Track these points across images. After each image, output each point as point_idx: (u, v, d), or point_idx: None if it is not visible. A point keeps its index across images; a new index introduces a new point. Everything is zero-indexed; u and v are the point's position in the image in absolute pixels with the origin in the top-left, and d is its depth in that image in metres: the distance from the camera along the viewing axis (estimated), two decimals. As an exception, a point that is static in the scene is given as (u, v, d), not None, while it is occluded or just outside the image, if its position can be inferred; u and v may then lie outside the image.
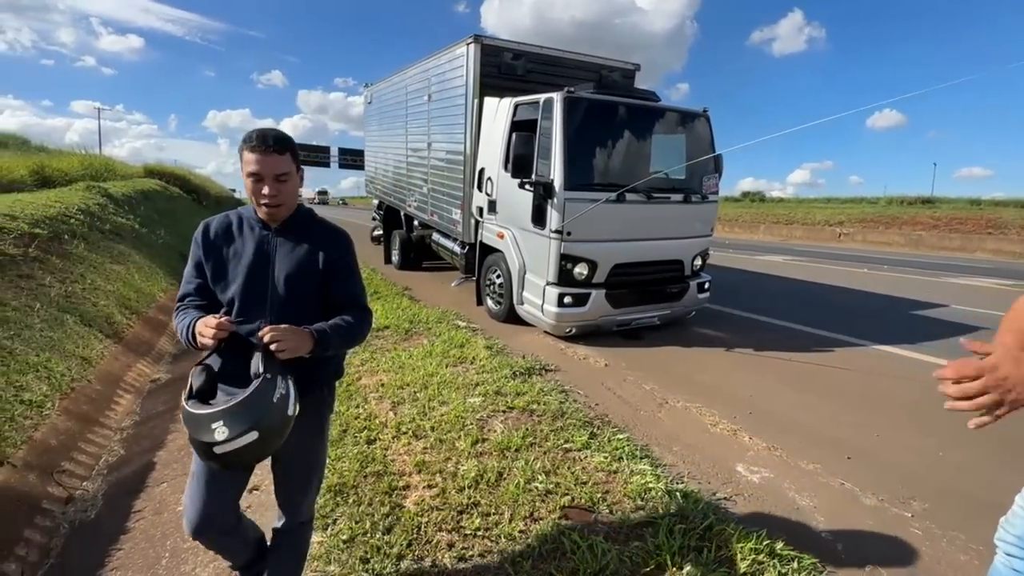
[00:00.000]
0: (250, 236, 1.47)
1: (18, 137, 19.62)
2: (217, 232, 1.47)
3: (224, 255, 1.45)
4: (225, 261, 1.45)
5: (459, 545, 2.12)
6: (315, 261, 1.49)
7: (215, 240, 1.46)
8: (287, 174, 1.40)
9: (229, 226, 1.48)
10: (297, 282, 1.46)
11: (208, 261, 1.45)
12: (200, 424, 1.21)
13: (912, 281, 9.71)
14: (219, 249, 1.46)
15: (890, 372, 4.40)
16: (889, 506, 2.48)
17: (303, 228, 1.52)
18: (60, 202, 7.38)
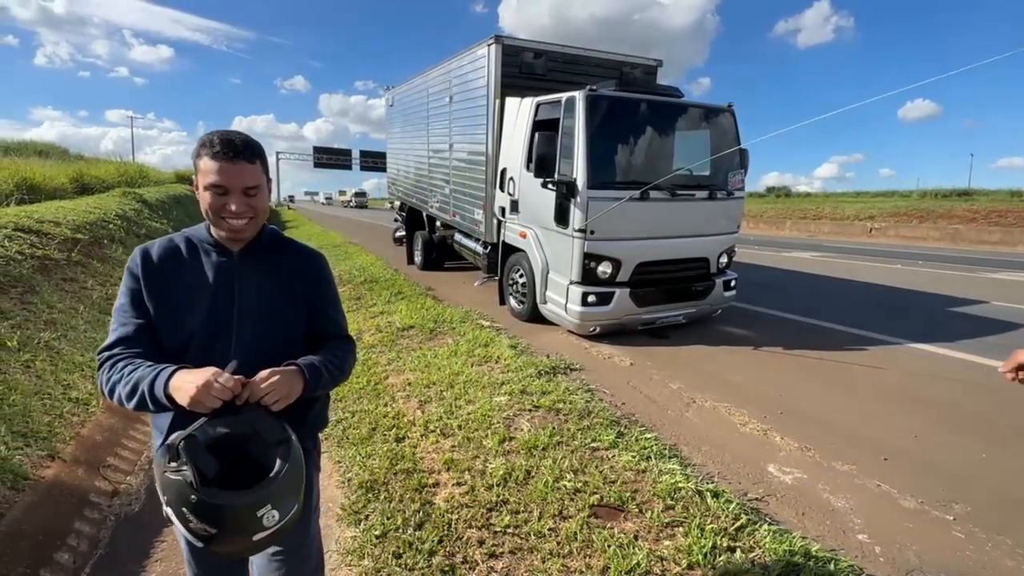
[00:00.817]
0: (206, 263, 1.18)
1: (57, 147, 20.52)
2: (162, 259, 1.16)
3: (173, 288, 1.16)
4: (175, 295, 1.16)
5: (489, 542, 2.14)
6: (290, 291, 1.25)
7: (159, 269, 1.16)
8: (257, 187, 1.14)
9: (176, 252, 1.18)
10: (269, 318, 1.21)
11: (151, 296, 1.14)
12: (241, 516, 0.93)
13: (949, 277, 9.36)
14: (166, 280, 1.16)
15: (928, 371, 4.26)
16: (930, 509, 2.41)
17: (270, 252, 1.25)
18: (99, 208, 7.70)
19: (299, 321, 1.27)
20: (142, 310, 1.15)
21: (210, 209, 1.13)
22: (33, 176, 8.42)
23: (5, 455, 2.54)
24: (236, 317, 1.18)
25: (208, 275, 1.18)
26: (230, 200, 1.12)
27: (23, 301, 4.06)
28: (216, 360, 1.08)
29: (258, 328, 1.20)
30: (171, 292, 1.16)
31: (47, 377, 3.36)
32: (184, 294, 1.16)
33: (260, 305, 1.21)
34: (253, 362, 1.10)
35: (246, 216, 1.15)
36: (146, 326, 1.15)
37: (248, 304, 1.19)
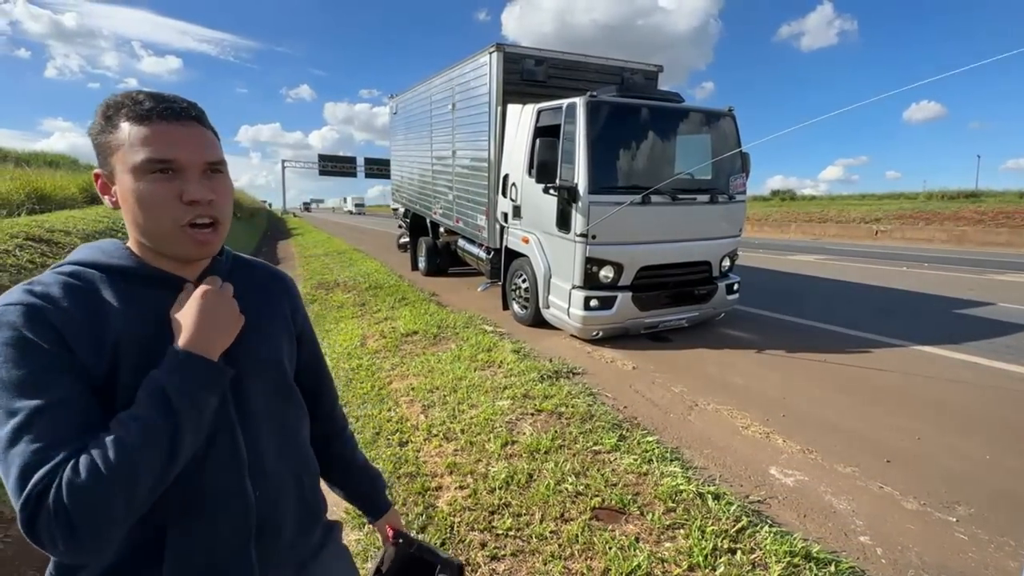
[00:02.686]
0: (142, 301, 0.73)
1: (67, 157, 20.78)
2: (72, 304, 0.68)
3: (107, 342, 0.69)
4: (113, 350, 0.69)
5: (491, 544, 2.16)
6: (279, 335, 0.90)
7: (74, 317, 0.67)
8: (222, 163, 0.77)
9: (86, 293, 0.70)
10: (270, 381, 0.86)
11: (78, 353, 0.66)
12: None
13: (955, 279, 9.30)
14: (94, 333, 0.68)
15: (932, 374, 4.24)
16: (932, 510, 2.40)
17: (239, 276, 0.85)
18: (108, 217, 7.80)
19: (292, 369, 0.92)
20: (63, 373, 0.65)
21: (155, 208, 0.70)
22: (44, 186, 8.56)
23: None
24: (229, 387, 0.76)
25: (159, 325, 0.72)
26: (187, 184, 0.71)
27: (34, 309, 4.13)
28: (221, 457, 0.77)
29: (259, 391, 0.83)
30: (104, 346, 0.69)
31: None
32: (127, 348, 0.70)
33: (252, 358, 0.81)
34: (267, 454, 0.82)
35: (212, 213, 0.74)
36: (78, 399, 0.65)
37: (236, 358, 0.77)
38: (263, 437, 0.82)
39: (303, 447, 0.94)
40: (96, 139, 0.72)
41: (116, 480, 0.60)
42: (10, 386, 0.62)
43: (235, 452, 0.78)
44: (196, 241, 0.73)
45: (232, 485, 0.77)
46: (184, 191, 0.70)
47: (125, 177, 0.70)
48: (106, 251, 0.75)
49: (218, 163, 0.75)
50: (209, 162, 0.73)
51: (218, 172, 0.75)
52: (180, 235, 0.72)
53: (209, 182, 0.73)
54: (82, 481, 0.58)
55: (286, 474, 0.87)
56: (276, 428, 0.85)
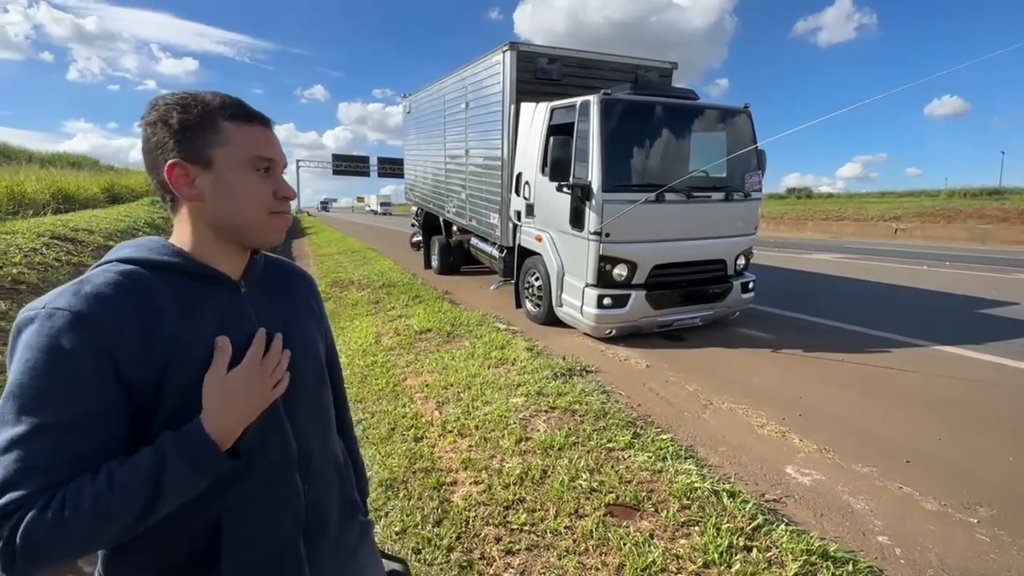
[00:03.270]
0: (206, 301, 0.76)
1: (89, 158, 21.31)
2: (124, 306, 0.67)
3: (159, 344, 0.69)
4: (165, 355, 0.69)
5: (506, 539, 2.18)
6: (314, 328, 0.94)
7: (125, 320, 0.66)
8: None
9: (137, 293, 0.69)
10: (312, 373, 0.89)
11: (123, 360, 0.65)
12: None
13: (978, 278, 9.10)
14: (146, 335, 0.68)
15: (953, 373, 4.16)
16: (953, 511, 2.37)
17: (271, 273, 0.91)
18: (129, 216, 7.99)
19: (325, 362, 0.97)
20: (95, 392, 0.64)
21: (256, 199, 0.77)
22: (67, 187, 8.79)
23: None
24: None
25: (213, 321, 0.75)
26: (279, 182, 0.80)
27: (60, 306, 4.25)
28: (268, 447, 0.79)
29: (305, 387, 0.86)
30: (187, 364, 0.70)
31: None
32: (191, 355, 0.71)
33: (296, 353, 0.83)
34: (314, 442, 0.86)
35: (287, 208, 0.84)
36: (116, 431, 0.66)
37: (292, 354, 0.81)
38: (308, 428, 0.85)
39: (337, 440, 0.97)
40: (184, 132, 0.72)
41: (77, 537, 0.60)
42: (27, 393, 0.61)
43: (286, 445, 0.80)
44: (278, 228, 0.81)
45: (283, 479, 0.80)
46: (278, 188, 0.79)
47: (227, 171, 0.75)
48: (153, 248, 0.76)
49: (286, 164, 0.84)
50: (285, 164, 0.83)
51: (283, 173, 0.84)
52: (269, 222, 0.79)
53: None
54: (44, 529, 0.58)
55: (329, 466, 0.90)
56: (318, 419, 0.89)
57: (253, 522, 0.77)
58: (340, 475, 0.93)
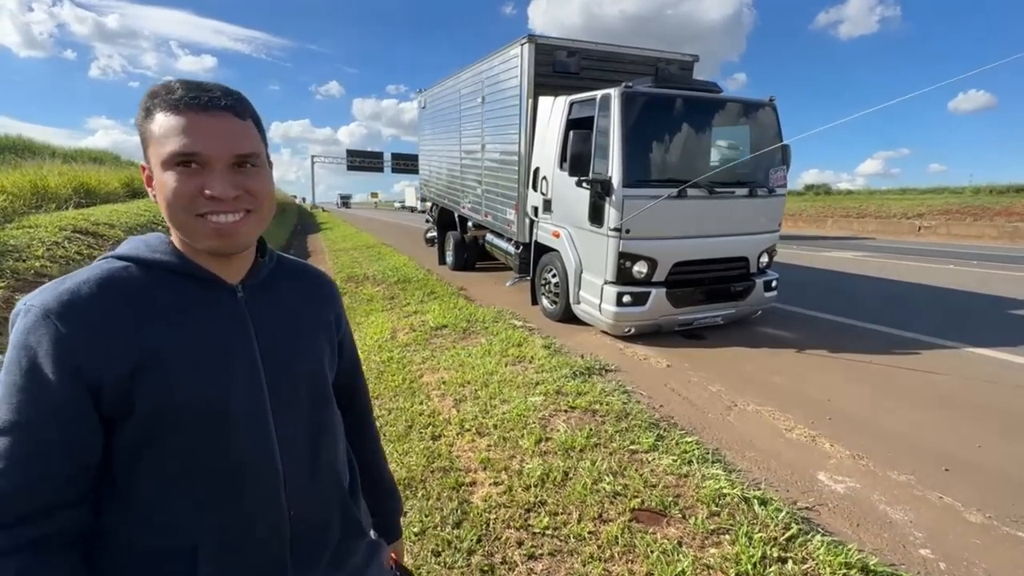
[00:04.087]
0: (196, 305, 0.71)
1: (110, 154, 21.65)
2: (98, 306, 0.64)
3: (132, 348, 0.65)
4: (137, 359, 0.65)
5: (528, 543, 2.12)
6: (322, 340, 0.86)
7: (94, 322, 0.63)
8: (254, 156, 0.70)
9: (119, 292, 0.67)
10: (308, 389, 0.81)
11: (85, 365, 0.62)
12: None
13: (1009, 278, 8.79)
14: (117, 338, 0.64)
15: (989, 377, 4.00)
16: (999, 524, 2.25)
17: (281, 278, 0.84)
18: (148, 211, 8.06)
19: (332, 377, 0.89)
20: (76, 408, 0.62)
21: (175, 201, 0.66)
22: (89, 181, 8.90)
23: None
24: (267, 391, 0.74)
25: (205, 327, 0.71)
26: (210, 178, 0.66)
27: (81, 299, 4.29)
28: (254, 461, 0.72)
29: (299, 403, 0.79)
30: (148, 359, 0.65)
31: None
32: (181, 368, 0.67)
33: (294, 367, 0.78)
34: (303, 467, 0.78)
35: (239, 207, 0.68)
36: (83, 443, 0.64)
37: (277, 367, 0.76)
38: (300, 450, 0.78)
39: (340, 456, 0.90)
40: (140, 130, 0.69)
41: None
42: (6, 390, 0.62)
43: (270, 466, 0.74)
44: (217, 231, 0.68)
45: (266, 501, 0.74)
46: (207, 185, 0.66)
47: (156, 170, 0.67)
48: (150, 245, 0.72)
49: (249, 156, 0.69)
50: (238, 154, 0.67)
51: (251, 165, 0.70)
52: (200, 225, 0.67)
53: (236, 175, 0.68)
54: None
55: (325, 488, 0.83)
56: (314, 440, 0.81)
57: (232, 549, 0.71)
58: (341, 496, 0.86)
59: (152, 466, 0.68)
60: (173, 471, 0.68)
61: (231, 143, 0.67)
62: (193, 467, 0.69)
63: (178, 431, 0.67)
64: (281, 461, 0.75)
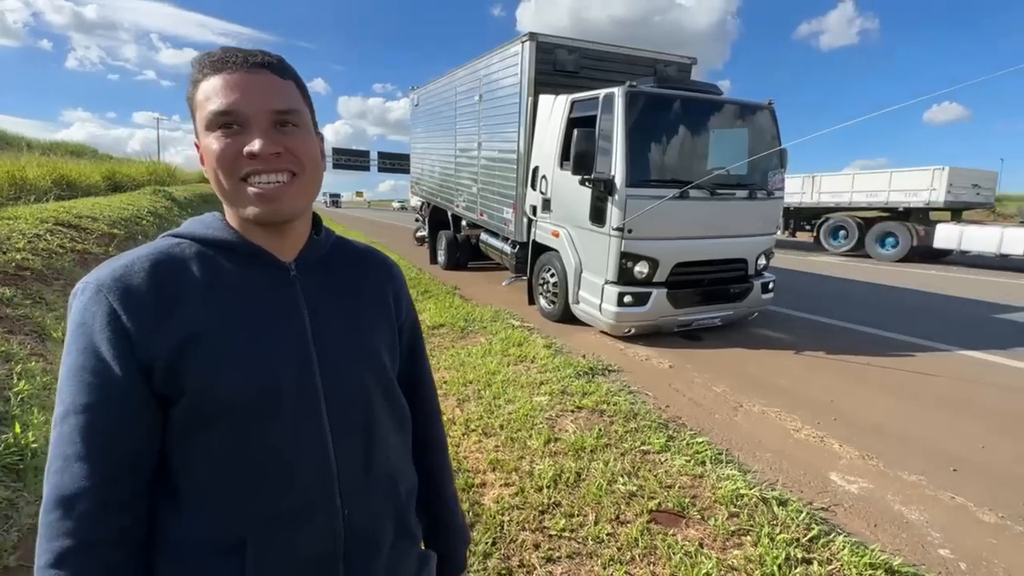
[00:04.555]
0: (246, 284, 0.68)
1: (87, 147, 21.08)
2: (161, 288, 0.62)
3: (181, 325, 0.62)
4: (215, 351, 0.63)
5: (545, 545, 2.06)
6: (382, 328, 0.80)
7: (167, 306, 0.62)
8: (295, 112, 0.66)
9: (183, 269, 0.65)
10: (368, 379, 0.75)
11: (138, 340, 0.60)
12: None
13: (988, 283, 9.03)
14: (166, 316, 0.61)
15: (983, 379, 4.07)
16: (1012, 524, 2.26)
17: (341, 260, 0.79)
18: (132, 205, 7.82)
19: (394, 370, 0.82)
20: (135, 404, 0.60)
21: (218, 164, 0.63)
22: (69, 174, 8.61)
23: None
24: (319, 375, 0.69)
25: (256, 306, 0.67)
26: (249, 135, 0.63)
27: (65, 293, 4.10)
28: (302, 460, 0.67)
29: (353, 389, 0.73)
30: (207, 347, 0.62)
31: (90, 368, 3.38)
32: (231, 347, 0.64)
33: (348, 351, 0.73)
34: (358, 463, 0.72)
35: (283, 167, 0.64)
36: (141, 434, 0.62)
37: (331, 351, 0.71)
38: (355, 444, 0.73)
39: (402, 456, 0.83)
40: (188, 106, 0.67)
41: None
42: (70, 372, 0.60)
43: (324, 459, 0.69)
44: (260, 196, 0.64)
45: (319, 498, 0.68)
46: (249, 143, 0.63)
47: (201, 136, 0.65)
48: (205, 222, 0.70)
49: (287, 111, 0.65)
50: (276, 110, 0.64)
51: (292, 124, 0.66)
52: (242, 191, 0.64)
53: (279, 135, 0.65)
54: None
55: (381, 487, 0.76)
56: (372, 432, 0.75)
57: (282, 546, 0.66)
58: (396, 498, 0.79)
59: (201, 453, 0.64)
60: (221, 459, 0.64)
61: (269, 99, 0.64)
62: (241, 455, 0.64)
63: (227, 415, 0.63)
64: (334, 455, 0.70)
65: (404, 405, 0.83)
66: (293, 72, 0.69)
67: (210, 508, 0.64)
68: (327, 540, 0.69)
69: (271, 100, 0.64)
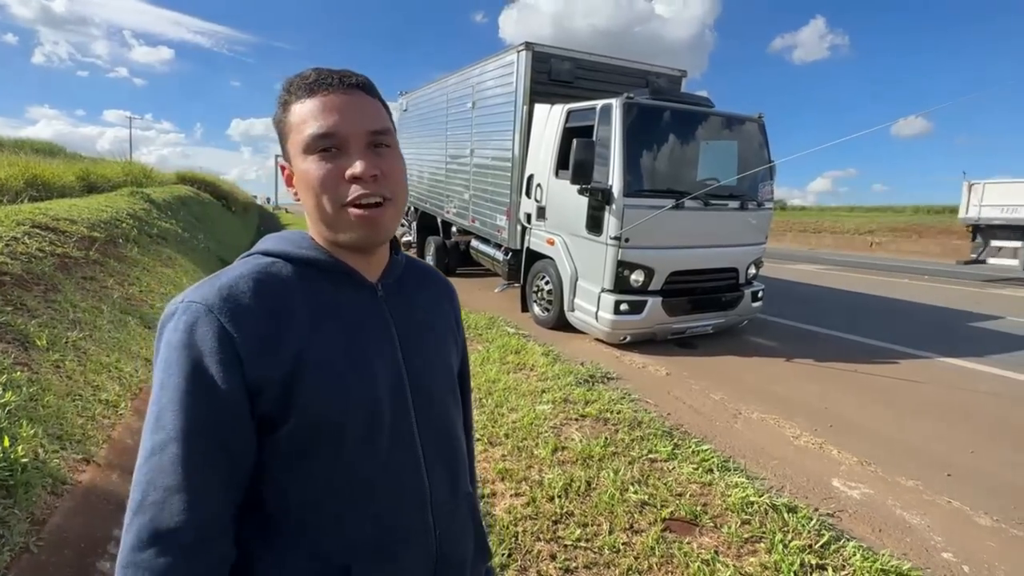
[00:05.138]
0: (342, 302, 0.67)
1: (55, 145, 20.31)
2: (267, 306, 0.61)
3: (289, 348, 0.60)
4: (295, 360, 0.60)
5: (561, 556, 2.06)
6: (451, 342, 0.82)
7: (256, 320, 0.60)
8: (388, 133, 0.66)
9: (286, 288, 0.64)
10: (448, 393, 0.78)
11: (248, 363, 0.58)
12: None
13: (959, 292, 9.40)
14: (275, 337, 0.60)
15: (967, 385, 4.23)
16: (1007, 527, 2.35)
17: (415, 280, 0.80)
18: (110, 207, 7.56)
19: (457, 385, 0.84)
20: (243, 432, 0.59)
21: (320, 189, 0.62)
22: (43, 174, 8.28)
23: (44, 458, 2.42)
24: (411, 397, 0.69)
25: (354, 327, 0.66)
26: (349, 157, 0.62)
27: (47, 299, 3.93)
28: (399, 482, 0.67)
29: (438, 410, 0.74)
30: (317, 369, 0.61)
31: (77, 378, 3.24)
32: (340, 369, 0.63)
33: (432, 371, 0.74)
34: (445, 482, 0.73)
35: (380, 191, 0.63)
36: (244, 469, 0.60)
37: (418, 371, 0.71)
38: (442, 462, 0.73)
39: (469, 468, 0.84)
40: (279, 125, 0.67)
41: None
42: (167, 394, 0.57)
43: (417, 478, 0.69)
44: (362, 220, 0.63)
45: (415, 520, 0.69)
46: (351, 165, 0.62)
47: (297, 160, 0.65)
48: (294, 241, 0.69)
49: (382, 132, 0.65)
50: (372, 131, 0.64)
51: (385, 146, 0.66)
52: (343, 216, 0.64)
53: (375, 157, 0.64)
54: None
55: (462, 503, 0.77)
56: (453, 452, 0.76)
57: (385, 569, 0.66)
58: (475, 516, 0.81)
59: (300, 481, 0.62)
60: (322, 486, 0.62)
61: (365, 120, 0.64)
62: (343, 481, 0.64)
63: (332, 439, 0.62)
64: (427, 477, 0.70)
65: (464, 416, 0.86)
66: (379, 92, 0.70)
67: (309, 538, 0.62)
68: (425, 564, 0.69)
69: (367, 121, 0.64)
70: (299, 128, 0.63)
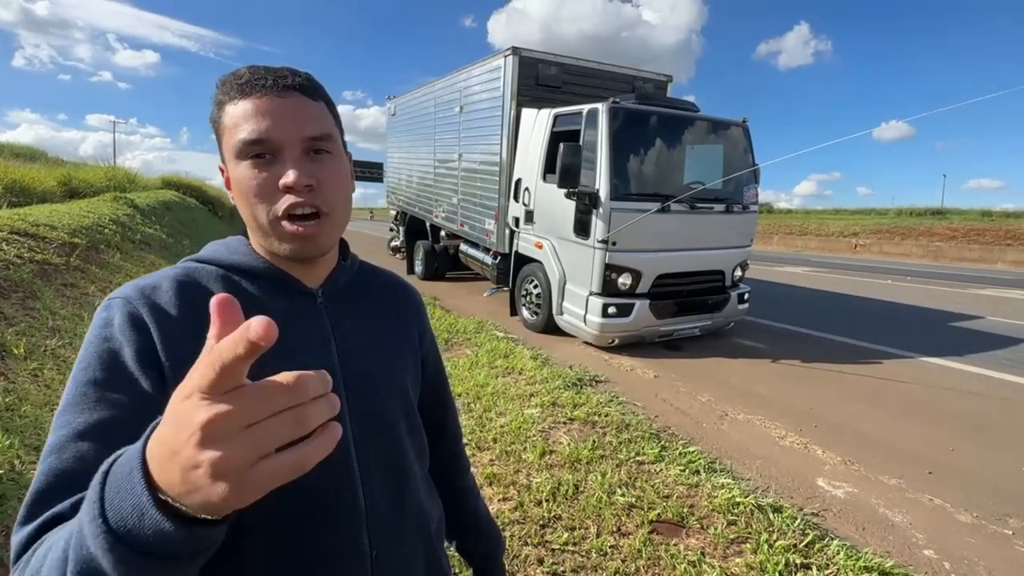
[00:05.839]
0: (271, 310, 0.62)
1: (36, 150, 19.95)
2: (185, 305, 0.60)
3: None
4: None
5: (548, 560, 2.05)
6: (407, 356, 0.78)
7: (187, 320, 0.59)
8: (327, 138, 0.63)
9: (195, 292, 0.62)
10: (395, 412, 0.73)
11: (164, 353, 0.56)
12: None
13: (940, 292, 9.59)
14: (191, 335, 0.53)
15: (949, 385, 4.30)
16: (986, 523, 2.39)
17: (364, 285, 0.77)
18: (92, 212, 7.44)
19: (416, 399, 0.79)
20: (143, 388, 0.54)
21: (253, 198, 0.60)
22: (23, 179, 8.13)
23: (20, 470, 2.37)
24: (347, 407, 0.65)
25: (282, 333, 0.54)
26: (282, 164, 0.59)
27: (25, 307, 3.85)
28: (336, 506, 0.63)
29: (381, 421, 0.70)
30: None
31: (55, 387, 3.18)
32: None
33: (373, 381, 0.70)
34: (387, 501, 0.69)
35: (315, 203, 0.61)
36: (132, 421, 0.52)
37: (357, 380, 0.67)
38: (383, 480, 0.68)
39: (427, 489, 0.80)
40: (215, 124, 0.63)
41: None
42: (78, 388, 0.54)
43: (351, 496, 0.65)
44: (295, 235, 0.61)
45: (346, 540, 0.64)
46: (282, 174, 0.59)
47: (231, 165, 0.61)
48: (229, 247, 0.67)
49: (320, 138, 0.61)
50: (309, 136, 0.60)
51: (325, 152, 0.62)
52: (278, 228, 0.61)
53: (312, 164, 0.61)
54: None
55: (409, 523, 0.73)
56: (400, 470, 0.72)
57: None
58: (427, 535, 0.77)
59: None
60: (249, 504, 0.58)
61: (302, 125, 0.60)
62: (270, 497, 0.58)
63: None
64: (363, 492, 0.66)
65: (424, 435, 0.79)
66: (322, 91, 0.66)
67: (230, 558, 0.55)
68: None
69: (304, 127, 0.60)
70: (231, 131, 0.60)
